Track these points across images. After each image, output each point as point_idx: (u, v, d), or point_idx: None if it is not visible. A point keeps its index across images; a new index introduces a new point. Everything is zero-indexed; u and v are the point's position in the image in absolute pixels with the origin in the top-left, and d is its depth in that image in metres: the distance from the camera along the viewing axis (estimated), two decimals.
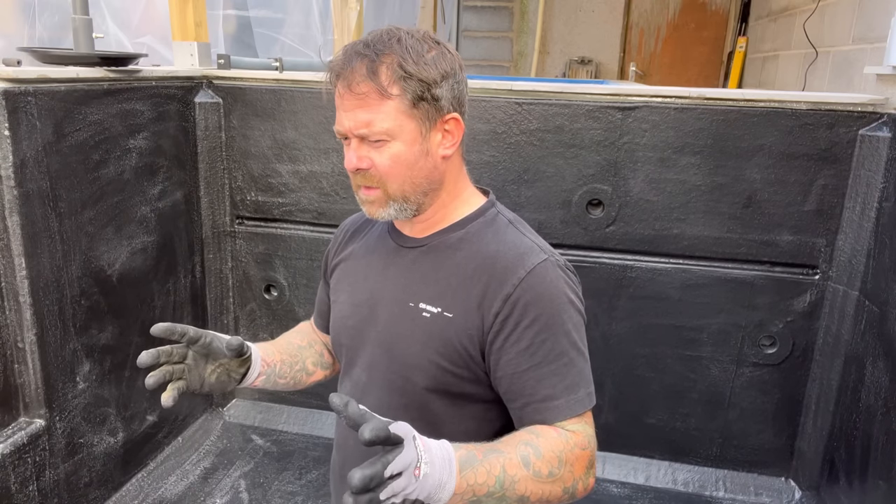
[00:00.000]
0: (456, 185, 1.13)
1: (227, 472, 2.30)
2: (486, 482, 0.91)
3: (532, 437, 1.00)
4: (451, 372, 1.07)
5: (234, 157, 2.40)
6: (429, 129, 1.04)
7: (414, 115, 1.02)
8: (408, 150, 1.03)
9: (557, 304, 1.03)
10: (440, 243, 1.12)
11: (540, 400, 1.02)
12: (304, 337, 1.38)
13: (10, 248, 1.64)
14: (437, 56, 1.03)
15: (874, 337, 1.87)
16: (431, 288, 1.09)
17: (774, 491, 2.26)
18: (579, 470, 1.00)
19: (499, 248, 1.08)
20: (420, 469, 0.81)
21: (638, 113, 2.07)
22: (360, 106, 1.00)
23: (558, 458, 0.98)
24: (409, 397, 1.11)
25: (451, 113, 1.06)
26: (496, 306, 1.03)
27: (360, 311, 1.18)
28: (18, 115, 1.60)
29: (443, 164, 1.08)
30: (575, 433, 1.01)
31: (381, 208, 1.07)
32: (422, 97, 1.01)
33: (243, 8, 3.35)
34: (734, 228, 2.10)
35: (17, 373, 1.72)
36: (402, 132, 1.01)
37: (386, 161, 1.02)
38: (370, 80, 0.98)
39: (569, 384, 1.02)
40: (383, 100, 0.99)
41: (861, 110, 1.95)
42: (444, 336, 1.06)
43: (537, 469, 0.96)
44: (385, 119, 1.00)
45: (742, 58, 5.29)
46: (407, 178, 1.05)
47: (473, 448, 0.93)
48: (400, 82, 0.99)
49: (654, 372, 2.27)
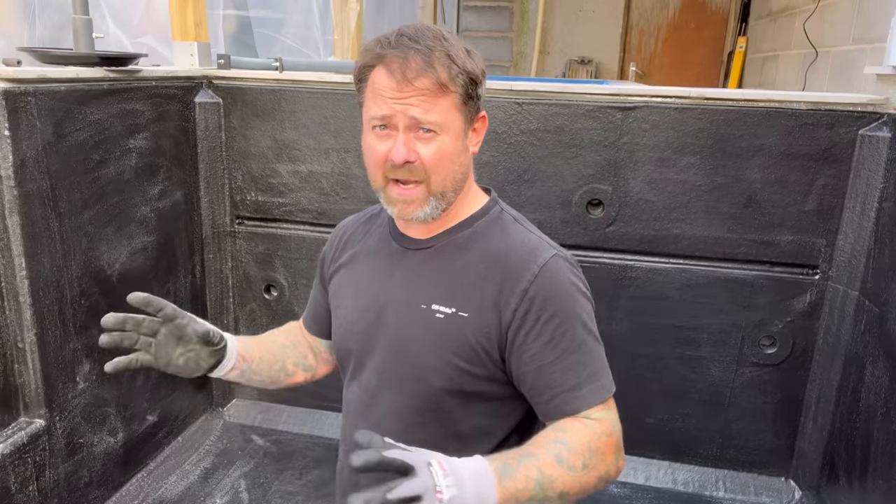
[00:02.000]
0: (469, 182, 1.15)
1: (227, 472, 2.30)
2: (527, 487, 0.92)
3: (560, 433, 1.02)
4: (467, 371, 1.07)
5: (234, 157, 2.40)
6: (469, 126, 1.08)
7: (463, 111, 1.04)
8: (453, 145, 1.04)
9: (571, 296, 1.06)
10: (448, 243, 1.13)
11: (567, 390, 1.04)
12: (289, 336, 1.38)
13: (10, 248, 1.64)
14: (474, 55, 1.06)
15: (874, 337, 1.87)
16: (443, 289, 1.10)
17: (774, 491, 2.26)
18: (610, 456, 1.03)
19: (509, 246, 1.09)
20: (443, 492, 0.82)
21: (638, 113, 2.07)
22: (417, 97, 0.99)
23: (589, 448, 1.00)
24: (423, 399, 1.11)
25: (482, 111, 1.10)
26: (514, 302, 1.04)
27: (367, 315, 1.17)
28: (18, 115, 1.60)
29: (470, 160, 1.12)
30: (600, 421, 1.04)
31: (418, 207, 1.06)
32: (470, 94, 1.04)
33: (243, 8, 3.35)
34: (734, 228, 2.10)
35: (17, 373, 1.72)
36: (452, 126, 1.03)
37: (433, 154, 1.02)
38: (429, 73, 0.99)
39: (591, 372, 1.05)
40: (442, 94, 1.00)
41: (861, 110, 1.95)
42: (460, 336, 1.07)
43: (571, 463, 0.97)
44: (441, 112, 1.01)
45: (742, 58, 5.29)
46: (450, 172, 1.05)
47: (506, 457, 0.95)
48: (456, 78, 1.01)
49: (654, 372, 2.27)
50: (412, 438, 1.09)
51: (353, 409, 1.23)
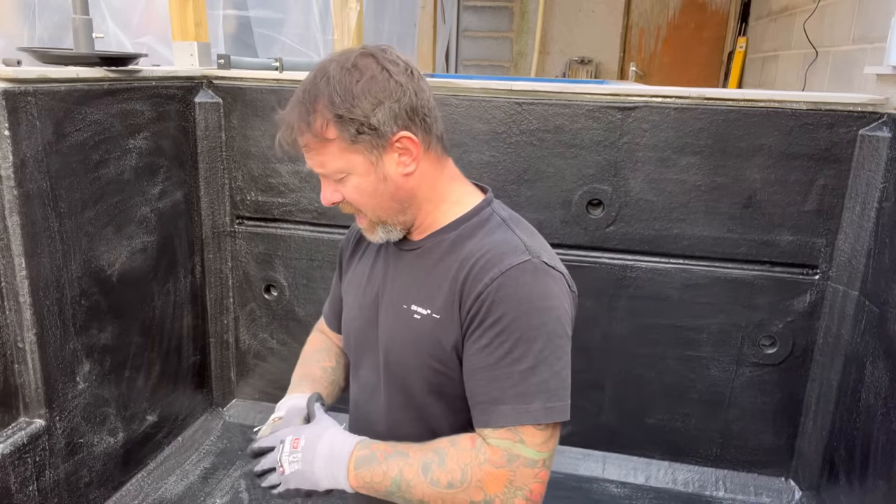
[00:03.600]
0: (435, 191, 1.10)
1: (227, 472, 2.30)
2: (383, 482, 1.00)
3: (446, 444, 1.00)
4: (444, 373, 1.07)
5: (234, 157, 2.40)
6: (379, 156, 1.03)
7: (357, 150, 1.02)
8: (364, 181, 1.05)
9: (527, 307, 0.98)
10: (434, 245, 1.12)
11: (487, 401, 0.98)
12: (329, 356, 1.37)
13: (10, 248, 1.64)
14: (367, 84, 1.01)
15: (874, 337, 1.87)
16: (423, 290, 1.09)
17: (774, 491, 2.26)
18: (493, 488, 0.95)
19: (482, 248, 1.05)
20: (284, 467, 1.03)
21: (638, 113, 2.07)
22: (308, 152, 1.05)
23: (462, 470, 0.96)
24: (409, 398, 1.12)
25: (400, 132, 1.03)
26: (468, 304, 1.02)
27: (365, 313, 1.19)
28: (18, 115, 1.60)
29: (407, 181, 1.06)
30: (494, 449, 0.96)
31: (371, 233, 1.13)
32: (359, 132, 1.01)
33: (243, 8, 3.35)
34: (734, 228, 2.10)
35: (17, 373, 1.72)
36: (352, 166, 1.04)
37: (351, 193, 1.06)
38: (304, 130, 1.03)
39: (521, 392, 0.96)
40: (324, 144, 1.02)
41: (861, 110, 1.95)
42: (433, 338, 1.06)
43: (435, 478, 0.97)
44: (333, 159, 1.03)
45: (742, 58, 5.29)
46: (376, 204, 1.07)
47: (380, 448, 1.02)
48: (335, 124, 1.01)
49: (654, 372, 2.26)
50: (401, 436, 1.10)
51: (354, 405, 1.26)
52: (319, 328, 1.46)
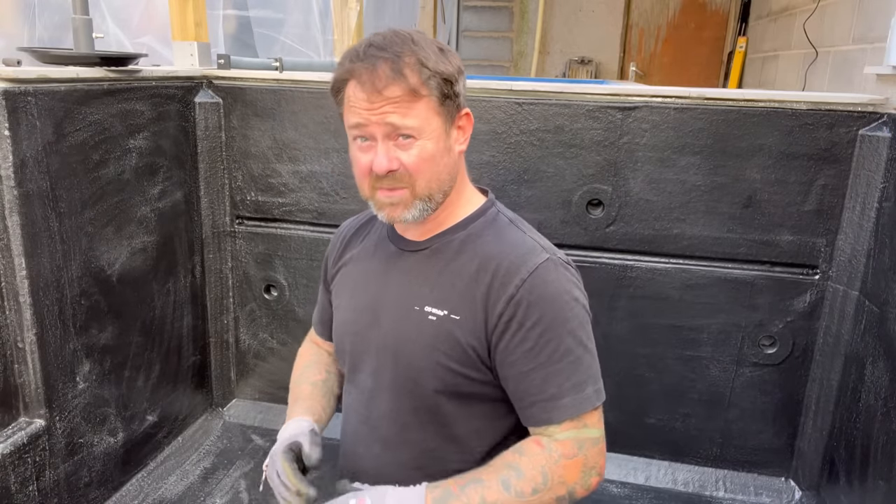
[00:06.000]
0: (462, 182, 1.14)
1: (227, 472, 2.30)
2: None
3: (516, 456, 1.02)
4: (460, 373, 1.07)
5: (234, 157, 2.40)
6: (451, 126, 1.06)
7: (441, 113, 1.03)
8: (434, 147, 1.03)
9: (560, 304, 1.04)
10: (442, 245, 1.12)
11: (547, 399, 1.02)
12: (319, 367, 1.37)
13: (10, 248, 1.64)
14: (448, 53, 1.04)
15: (874, 337, 1.87)
16: (436, 291, 1.09)
17: (774, 491, 2.26)
18: (572, 477, 1.01)
19: (501, 249, 1.08)
20: None
21: (638, 113, 2.07)
22: (390, 105, 0.99)
23: (542, 473, 0.99)
24: (419, 400, 1.11)
25: (465, 108, 1.07)
26: (500, 307, 1.03)
27: (363, 316, 1.18)
28: (18, 115, 1.60)
29: (461, 160, 1.10)
30: (563, 443, 1.01)
31: (404, 210, 1.06)
32: (446, 94, 1.02)
33: (243, 8, 3.35)
34: (734, 228, 2.10)
35: (17, 373, 1.72)
36: (430, 130, 1.02)
37: (414, 159, 1.02)
38: (399, 81, 0.98)
39: (575, 382, 1.03)
40: (416, 99, 0.99)
41: (861, 110, 1.95)
42: (452, 338, 1.06)
43: (520, 489, 0.98)
44: (416, 118, 1.00)
45: (742, 58, 5.29)
46: (434, 175, 1.05)
47: (451, 483, 0.98)
48: (428, 81, 0.99)
49: (654, 372, 2.27)
50: (409, 440, 1.09)
51: (352, 410, 1.24)
52: (310, 339, 1.46)
